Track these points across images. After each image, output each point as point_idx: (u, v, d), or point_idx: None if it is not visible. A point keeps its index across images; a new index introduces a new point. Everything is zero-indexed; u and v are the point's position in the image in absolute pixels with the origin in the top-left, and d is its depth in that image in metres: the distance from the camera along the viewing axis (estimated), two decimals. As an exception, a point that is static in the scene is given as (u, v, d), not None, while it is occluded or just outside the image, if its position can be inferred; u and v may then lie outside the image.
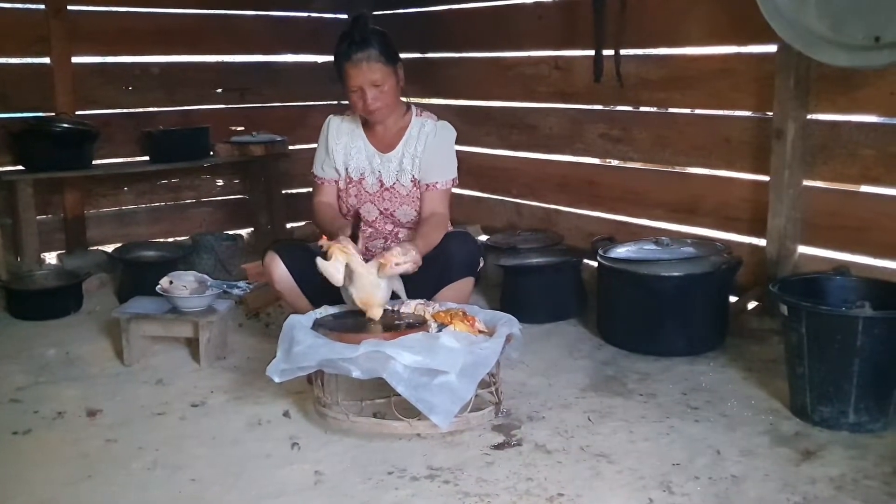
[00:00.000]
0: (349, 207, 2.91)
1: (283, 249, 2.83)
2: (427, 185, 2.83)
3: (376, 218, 2.91)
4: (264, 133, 4.71)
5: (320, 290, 2.73)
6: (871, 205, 3.02)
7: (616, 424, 2.43)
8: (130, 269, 3.83)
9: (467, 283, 2.79)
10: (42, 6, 4.11)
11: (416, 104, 2.97)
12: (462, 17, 4.65)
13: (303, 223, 4.91)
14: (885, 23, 2.51)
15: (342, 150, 2.89)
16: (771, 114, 3.15)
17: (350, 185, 2.90)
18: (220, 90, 4.78)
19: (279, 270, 2.77)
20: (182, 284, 3.04)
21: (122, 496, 2.08)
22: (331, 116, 2.95)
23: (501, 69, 4.41)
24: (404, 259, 2.43)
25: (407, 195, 2.86)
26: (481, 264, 2.91)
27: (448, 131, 2.89)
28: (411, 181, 2.85)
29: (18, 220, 3.97)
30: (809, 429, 2.38)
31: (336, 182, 2.91)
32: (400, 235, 2.91)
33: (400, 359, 2.20)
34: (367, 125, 2.88)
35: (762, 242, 3.27)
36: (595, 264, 3.27)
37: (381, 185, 2.87)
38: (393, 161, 2.86)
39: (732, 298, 3.21)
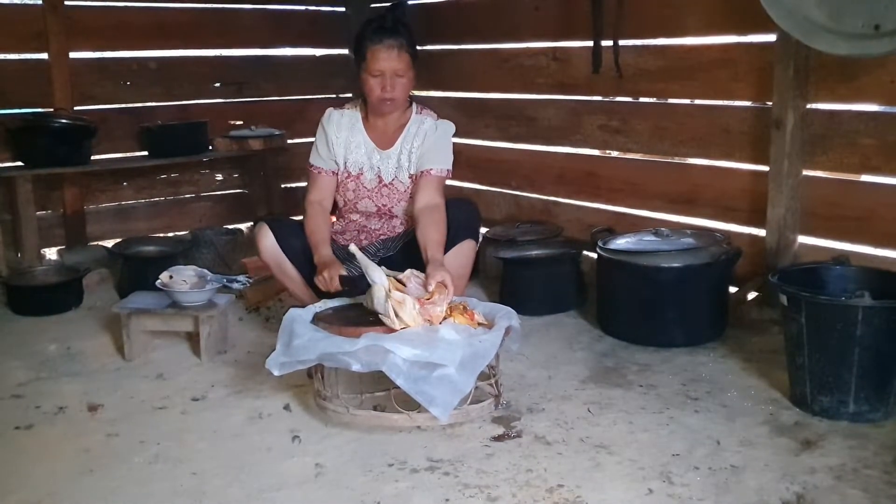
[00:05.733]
0: (346, 201, 2.91)
1: (275, 222, 2.89)
2: (422, 172, 2.82)
3: (373, 213, 2.91)
4: (263, 127, 4.70)
5: (308, 265, 2.75)
6: (870, 194, 3.02)
7: (616, 416, 2.43)
8: (130, 264, 3.83)
9: (469, 245, 2.80)
10: (39, 1, 4.09)
11: (416, 101, 2.95)
12: (460, 8, 4.64)
13: (300, 217, 4.90)
14: (885, 11, 2.50)
15: (343, 143, 2.88)
16: (770, 104, 3.14)
17: (348, 180, 2.89)
18: (218, 84, 4.77)
19: (267, 241, 2.81)
20: (182, 279, 3.04)
21: (123, 490, 2.09)
22: (330, 109, 2.93)
23: (499, 61, 4.39)
24: (447, 301, 2.42)
25: (405, 191, 2.86)
26: (482, 231, 2.91)
27: (447, 127, 2.89)
28: (409, 177, 2.85)
29: (18, 217, 3.97)
30: (809, 419, 2.38)
31: (335, 174, 2.90)
32: (397, 229, 2.92)
33: (399, 352, 2.20)
34: (368, 120, 2.88)
35: (762, 233, 3.26)
36: (594, 256, 3.26)
37: (380, 181, 2.87)
38: (392, 158, 2.86)
39: (732, 289, 3.20)
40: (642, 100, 3.77)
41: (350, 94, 2.83)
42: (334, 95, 4.91)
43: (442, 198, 2.82)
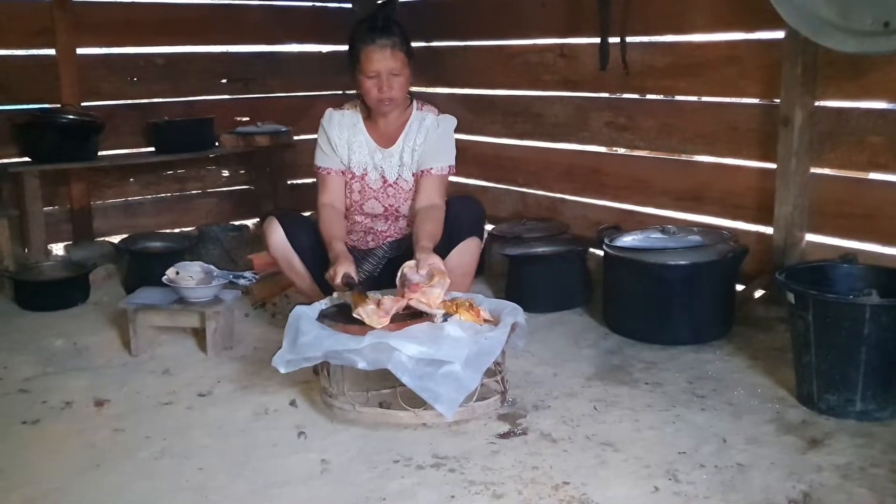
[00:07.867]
0: (352, 202, 2.90)
1: (284, 217, 2.88)
2: (423, 171, 2.81)
3: (380, 214, 2.90)
4: (269, 123, 4.71)
5: (317, 262, 2.74)
6: (878, 192, 3.01)
7: (622, 413, 2.43)
8: (137, 259, 3.84)
9: (474, 242, 2.77)
10: (46, -3, 4.11)
11: (418, 97, 2.94)
12: (467, 4, 4.63)
13: (308, 213, 4.91)
14: (894, 8, 2.49)
15: (345, 144, 2.86)
16: (778, 101, 3.13)
17: (353, 181, 2.88)
18: (224, 81, 4.77)
19: (277, 237, 2.80)
20: (188, 275, 3.05)
21: (129, 485, 2.10)
22: (329, 110, 2.90)
23: (506, 57, 4.39)
24: (441, 292, 2.40)
25: (410, 190, 2.85)
26: (486, 228, 2.89)
27: (449, 122, 2.87)
28: (413, 175, 2.84)
29: (25, 212, 3.98)
30: (816, 417, 2.37)
31: (344, 173, 2.88)
32: (404, 230, 2.92)
33: (404, 350, 2.19)
34: (368, 119, 2.87)
35: (769, 230, 3.25)
36: (601, 253, 3.26)
37: (384, 181, 2.86)
38: (394, 156, 2.84)
39: (739, 287, 3.20)
40: (649, 97, 3.76)
41: (356, 91, 2.81)
42: (341, 92, 4.91)
43: (442, 198, 2.80)
